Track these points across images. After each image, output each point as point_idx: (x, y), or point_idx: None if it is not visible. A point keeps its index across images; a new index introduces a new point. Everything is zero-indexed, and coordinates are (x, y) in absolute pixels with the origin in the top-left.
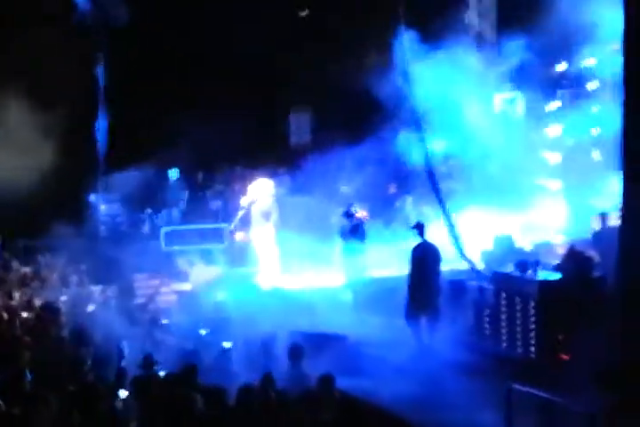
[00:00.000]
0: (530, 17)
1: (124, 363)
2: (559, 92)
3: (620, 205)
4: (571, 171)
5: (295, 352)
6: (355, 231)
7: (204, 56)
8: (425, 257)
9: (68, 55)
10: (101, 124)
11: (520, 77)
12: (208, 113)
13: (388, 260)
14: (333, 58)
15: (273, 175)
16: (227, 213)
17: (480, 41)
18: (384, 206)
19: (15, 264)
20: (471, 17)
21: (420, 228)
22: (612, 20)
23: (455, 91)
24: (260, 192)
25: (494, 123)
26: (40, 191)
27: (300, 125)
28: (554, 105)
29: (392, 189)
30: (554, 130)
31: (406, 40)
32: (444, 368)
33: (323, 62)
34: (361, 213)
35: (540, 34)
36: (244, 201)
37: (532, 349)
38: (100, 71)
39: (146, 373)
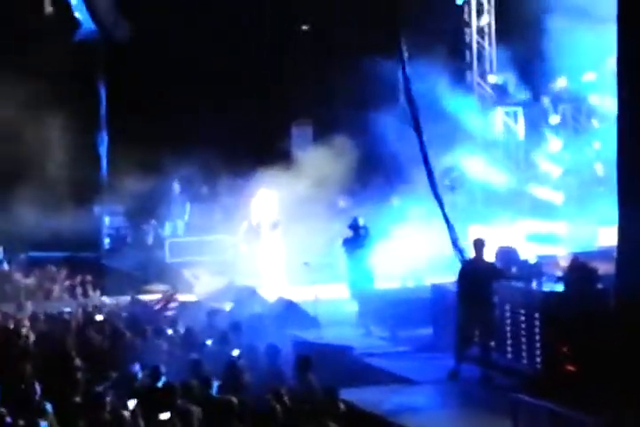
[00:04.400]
0: (528, 34)
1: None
2: (560, 106)
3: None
4: (573, 184)
5: (302, 364)
6: (360, 243)
7: (205, 70)
8: (478, 273)
9: (71, 71)
10: (103, 138)
11: (521, 92)
12: (211, 126)
13: (393, 272)
14: (333, 70)
15: (276, 188)
16: (231, 225)
17: (480, 57)
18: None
19: (17, 276)
20: (471, 34)
21: (477, 244)
22: (611, 36)
23: (455, 103)
24: (265, 204)
25: (496, 136)
26: (43, 204)
27: (302, 138)
28: (555, 119)
29: (395, 201)
30: (555, 144)
31: (406, 53)
32: (449, 380)
33: (323, 74)
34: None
35: (539, 49)
36: (248, 213)
37: (538, 360)
38: (101, 86)
39: (152, 384)
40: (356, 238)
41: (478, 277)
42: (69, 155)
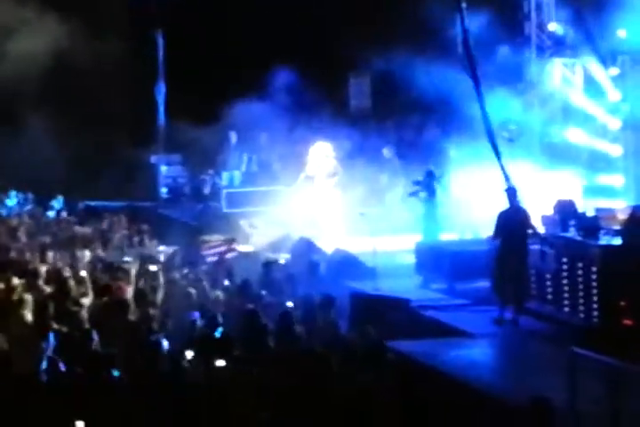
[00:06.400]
0: None
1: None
2: (619, 58)
3: None
4: (631, 136)
5: (355, 316)
6: (433, 194)
7: (261, 20)
8: (513, 223)
9: (129, 20)
10: (161, 88)
11: (579, 43)
12: (268, 76)
13: (451, 223)
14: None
15: (333, 138)
16: (288, 176)
17: (538, 7)
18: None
19: (75, 225)
20: None
21: (510, 192)
22: None
23: (512, 54)
24: (322, 155)
25: (554, 87)
26: (101, 153)
27: (359, 89)
28: (613, 71)
29: (452, 152)
30: (613, 96)
31: (464, 4)
32: (505, 333)
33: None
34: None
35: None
36: (306, 163)
37: (595, 314)
38: (159, 35)
39: (210, 333)
40: (432, 188)
41: (510, 228)
42: (127, 104)
